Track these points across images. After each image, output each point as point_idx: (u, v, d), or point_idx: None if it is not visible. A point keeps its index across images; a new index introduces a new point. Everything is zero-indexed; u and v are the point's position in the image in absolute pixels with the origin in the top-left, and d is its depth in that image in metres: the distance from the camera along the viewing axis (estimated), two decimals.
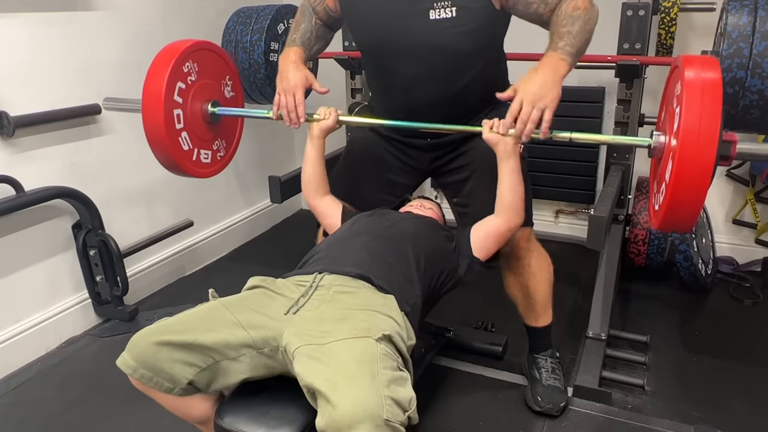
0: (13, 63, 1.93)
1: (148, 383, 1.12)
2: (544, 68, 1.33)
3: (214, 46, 1.77)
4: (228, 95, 1.83)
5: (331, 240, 1.49)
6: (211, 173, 1.83)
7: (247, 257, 2.93)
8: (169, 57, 1.61)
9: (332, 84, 2.07)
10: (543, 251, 1.72)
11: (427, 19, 1.44)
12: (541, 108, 1.29)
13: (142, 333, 1.14)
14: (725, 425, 1.67)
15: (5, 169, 1.92)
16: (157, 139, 1.62)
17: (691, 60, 1.20)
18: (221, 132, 1.83)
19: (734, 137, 1.17)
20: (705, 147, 1.10)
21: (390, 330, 1.11)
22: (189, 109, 1.68)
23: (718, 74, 1.15)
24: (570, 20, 1.37)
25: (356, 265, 1.31)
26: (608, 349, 1.95)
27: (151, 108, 1.60)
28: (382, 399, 0.95)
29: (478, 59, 1.52)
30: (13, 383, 1.94)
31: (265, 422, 1.11)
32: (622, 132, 2.17)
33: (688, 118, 1.11)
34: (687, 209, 1.17)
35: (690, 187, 1.13)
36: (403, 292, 1.29)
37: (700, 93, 1.12)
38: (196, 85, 1.69)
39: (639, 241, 2.38)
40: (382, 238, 1.42)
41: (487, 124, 1.40)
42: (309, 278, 1.28)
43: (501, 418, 1.71)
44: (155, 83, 1.59)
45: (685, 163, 1.11)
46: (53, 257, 2.14)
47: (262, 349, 1.13)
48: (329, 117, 1.56)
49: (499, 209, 1.45)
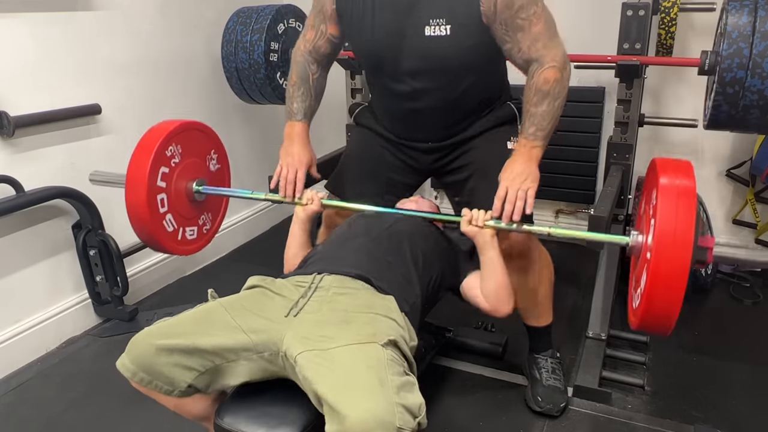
0: (13, 63, 1.93)
1: (148, 386, 1.13)
2: (521, 157, 1.43)
3: (197, 124, 1.73)
4: (213, 168, 1.80)
5: (330, 241, 1.49)
6: (197, 249, 1.80)
7: (247, 257, 2.93)
8: (150, 145, 1.59)
9: (332, 84, 2.07)
10: (543, 250, 1.72)
11: (422, 36, 1.45)
12: (525, 190, 1.39)
13: (141, 335, 1.14)
14: (725, 425, 1.67)
15: (5, 169, 1.92)
16: (141, 224, 1.60)
17: (665, 165, 1.20)
18: (207, 206, 1.80)
19: (710, 243, 1.17)
20: (679, 257, 1.09)
21: (395, 334, 1.11)
22: (173, 191, 1.65)
23: (693, 181, 1.15)
24: (539, 97, 1.41)
25: (355, 265, 1.30)
26: (608, 349, 1.95)
27: (134, 196, 1.57)
28: (394, 406, 0.94)
29: (475, 70, 1.53)
30: (13, 383, 1.94)
31: (265, 422, 1.11)
32: (622, 132, 2.17)
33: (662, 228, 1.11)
34: (662, 315, 1.15)
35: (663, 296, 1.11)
36: (403, 292, 1.29)
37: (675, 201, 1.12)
38: (180, 166, 1.66)
39: None
40: (380, 238, 1.42)
41: (466, 217, 1.41)
42: (308, 279, 1.28)
43: (501, 418, 1.71)
44: (138, 170, 1.56)
45: (659, 276, 1.10)
46: (53, 257, 2.14)
47: (262, 353, 1.12)
48: (313, 203, 1.59)
49: (485, 295, 1.44)
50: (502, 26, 1.43)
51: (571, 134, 2.67)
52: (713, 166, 2.60)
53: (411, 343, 1.18)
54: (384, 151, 1.74)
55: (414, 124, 1.65)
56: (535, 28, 1.41)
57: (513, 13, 1.40)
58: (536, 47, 1.42)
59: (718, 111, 1.73)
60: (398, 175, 1.75)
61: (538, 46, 1.42)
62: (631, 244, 1.29)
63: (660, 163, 1.21)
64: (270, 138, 3.20)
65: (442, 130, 1.64)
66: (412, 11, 1.45)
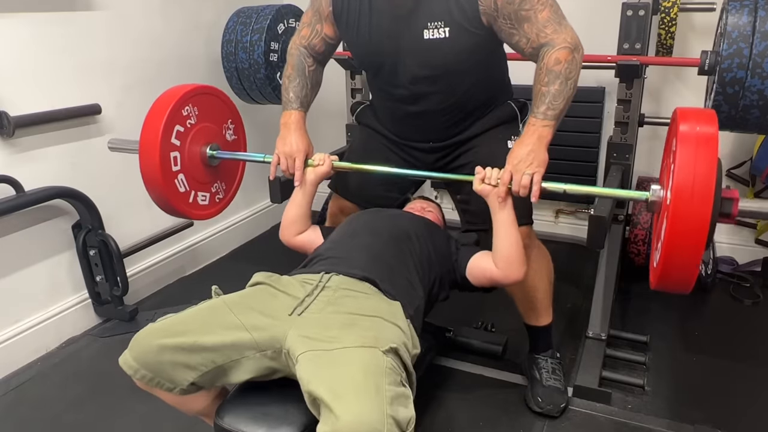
0: (13, 63, 1.93)
1: (150, 383, 1.13)
2: (530, 137, 1.37)
3: (215, 90, 1.76)
4: (230, 138, 1.82)
5: (334, 239, 1.49)
6: (209, 215, 1.81)
7: (247, 257, 2.92)
8: (167, 101, 1.61)
9: (332, 84, 2.07)
10: (543, 249, 1.72)
11: (421, 39, 1.45)
12: (531, 173, 1.33)
13: (144, 333, 1.13)
14: (725, 425, 1.67)
15: (5, 169, 1.92)
16: (153, 181, 1.62)
17: (686, 113, 1.16)
18: (221, 174, 1.82)
19: (735, 194, 1.11)
20: (699, 205, 1.04)
21: (397, 342, 1.11)
22: (187, 152, 1.67)
23: (715, 128, 1.10)
24: (551, 77, 1.37)
25: (361, 267, 1.30)
26: (608, 349, 1.95)
27: (147, 151, 1.59)
28: (384, 416, 0.94)
29: (475, 72, 1.53)
30: (13, 383, 1.94)
31: (265, 422, 1.11)
32: (622, 132, 2.17)
33: (680, 175, 1.06)
34: (682, 270, 1.11)
35: (684, 246, 1.07)
36: (408, 296, 1.29)
37: (695, 148, 1.07)
38: (195, 128, 1.68)
39: (639, 241, 2.38)
40: (384, 238, 1.42)
41: (479, 176, 1.38)
42: (315, 277, 1.28)
43: (501, 418, 1.71)
44: (152, 126, 1.58)
45: (678, 221, 1.05)
46: (53, 257, 2.14)
47: (265, 351, 1.12)
48: (324, 163, 1.57)
49: (495, 259, 1.41)
50: (507, 21, 1.40)
51: (571, 134, 2.67)
52: None
53: (413, 351, 1.18)
54: (386, 150, 1.74)
55: (414, 125, 1.65)
56: (542, 15, 1.38)
57: (516, 7, 1.38)
58: (545, 33, 1.38)
59: (718, 111, 1.72)
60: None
61: (547, 31, 1.38)
62: (652, 200, 1.24)
63: (681, 111, 1.16)
64: (270, 138, 3.18)
65: (442, 130, 1.64)
66: (410, 15, 1.44)
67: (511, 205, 1.38)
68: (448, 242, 1.53)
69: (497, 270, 1.41)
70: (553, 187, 1.35)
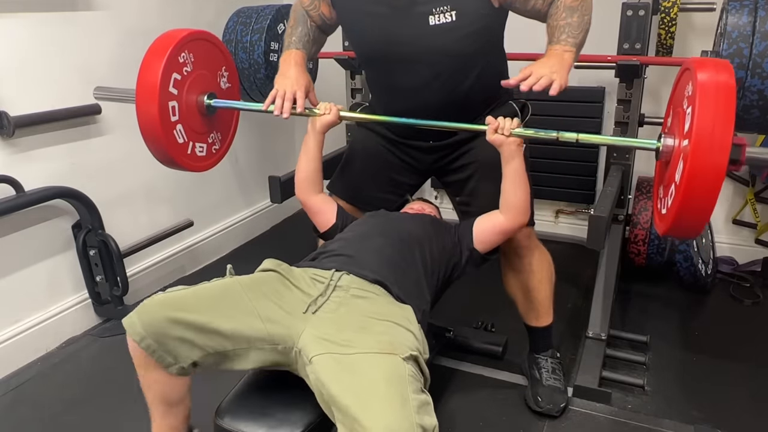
0: (13, 63, 1.93)
1: (152, 355, 1.10)
2: (551, 57, 1.36)
3: (210, 35, 1.71)
4: (224, 86, 1.78)
5: (345, 238, 1.48)
6: (207, 167, 1.78)
7: (247, 257, 2.92)
8: (165, 46, 1.54)
9: (332, 84, 2.07)
10: (544, 250, 1.72)
11: (426, 24, 1.43)
12: (550, 76, 1.29)
13: (155, 301, 1.11)
14: (725, 425, 1.67)
15: (5, 169, 1.92)
16: (151, 132, 1.57)
17: (704, 62, 1.18)
18: (216, 124, 1.79)
19: (743, 141, 1.15)
20: (718, 149, 1.07)
21: (413, 348, 1.10)
22: (184, 101, 1.62)
23: (732, 77, 1.13)
24: (569, 12, 1.38)
25: (373, 269, 1.30)
26: (608, 349, 1.95)
27: (145, 100, 1.53)
28: (414, 427, 0.94)
29: (479, 60, 1.52)
30: (13, 383, 1.94)
31: (265, 422, 1.11)
32: (622, 132, 2.17)
33: (702, 120, 1.09)
34: (697, 213, 1.14)
35: (702, 189, 1.10)
36: (417, 300, 1.29)
37: (715, 95, 1.10)
38: (191, 76, 1.63)
39: (639, 241, 2.38)
40: (393, 241, 1.42)
41: (492, 125, 1.39)
42: (326, 275, 1.27)
43: (501, 418, 1.71)
44: (150, 74, 1.52)
45: (699, 166, 1.08)
46: (53, 257, 2.14)
47: (276, 345, 1.12)
48: (330, 112, 1.54)
49: (503, 208, 1.45)
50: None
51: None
52: None
53: (425, 356, 1.18)
54: (385, 151, 1.73)
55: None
56: None
57: None
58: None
59: None
60: (399, 175, 1.75)
61: None
62: (662, 149, 1.28)
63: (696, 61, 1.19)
64: (271, 138, 3.20)
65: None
66: (410, 5, 1.43)
67: (522, 154, 1.40)
68: (451, 235, 1.53)
69: (504, 219, 1.45)
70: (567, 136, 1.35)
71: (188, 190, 2.67)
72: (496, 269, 1.77)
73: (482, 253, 1.50)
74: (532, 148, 1.79)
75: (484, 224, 1.49)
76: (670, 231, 1.21)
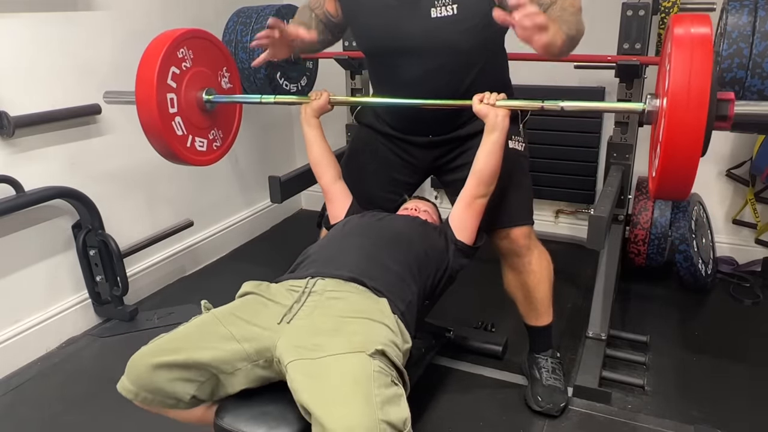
0: (13, 63, 1.93)
1: (152, 404, 1.13)
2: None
3: (209, 35, 1.76)
4: (225, 86, 1.82)
5: (323, 242, 1.49)
6: (208, 162, 1.82)
7: (247, 257, 2.93)
8: (163, 41, 1.61)
9: (332, 84, 2.07)
10: (543, 249, 1.72)
11: (428, 17, 1.44)
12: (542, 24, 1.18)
13: (138, 356, 1.13)
14: (725, 425, 1.67)
15: (5, 169, 1.92)
16: (150, 123, 1.61)
17: (680, 17, 1.15)
18: (218, 121, 1.82)
19: (731, 96, 1.10)
20: (696, 104, 1.03)
21: (384, 342, 1.10)
22: (183, 94, 1.67)
23: (709, 28, 1.09)
24: (565, 12, 1.37)
25: (349, 267, 1.30)
26: (608, 349, 1.95)
27: (143, 91, 1.59)
28: (377, 423, 0.94)
29: (481, 55, 1.52)
30: (13, 383, 1.94)
31: (265, 422, 1.11)
32: (623, 132, 2.17)
33: (676, 74, 1.05)
34: (680, 172, 1.10)
35: (682, 147, 1.06)
36: (397, 291, 1.28)
37: (690, 47, 1.07)
38: (190, 71, 1.68)
39: (639, 241, 2.38)
40: (376, 239, 1.42)
41: (478, 97, 1.42)
42: (302, 283, 1.27)
43: (501, 418, 1.71)
44: (148, 66, 1.58)
45: (676, 121, 1.05)
46: (53, 257, 2.14)
47: (257, 362, 1.13)
48: (320, 97, 1.59)
49: (471, 175, 1.47)
50: None
51: (571, 134, 2.67)
52: (713, 166, 2.60)
53: (405, 346, 1.17)
54: (385, 150, 1.74)
55: (415, 116, 1.63)
56: None
57: None
58: None
59: None
60: (399, 174, 1.75)
61: None
62: (648, 110, 1.25)
63: (675, 17, 1.16)
64: (271, 138, 3.21)
65: (443, 123, 1.63)
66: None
67: (505, 128, 1.41)
68: (442, 237, 1.52)
69: (471, 185, 1.46)
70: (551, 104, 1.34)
71: (188, 190, 2.67)
72: (496, 269, 1.77)
73: (468, 243, 1.49)
74: (532, 148, 1.80)
75: (455, 211, 1.51)
76: (657, 193, 1.19)
